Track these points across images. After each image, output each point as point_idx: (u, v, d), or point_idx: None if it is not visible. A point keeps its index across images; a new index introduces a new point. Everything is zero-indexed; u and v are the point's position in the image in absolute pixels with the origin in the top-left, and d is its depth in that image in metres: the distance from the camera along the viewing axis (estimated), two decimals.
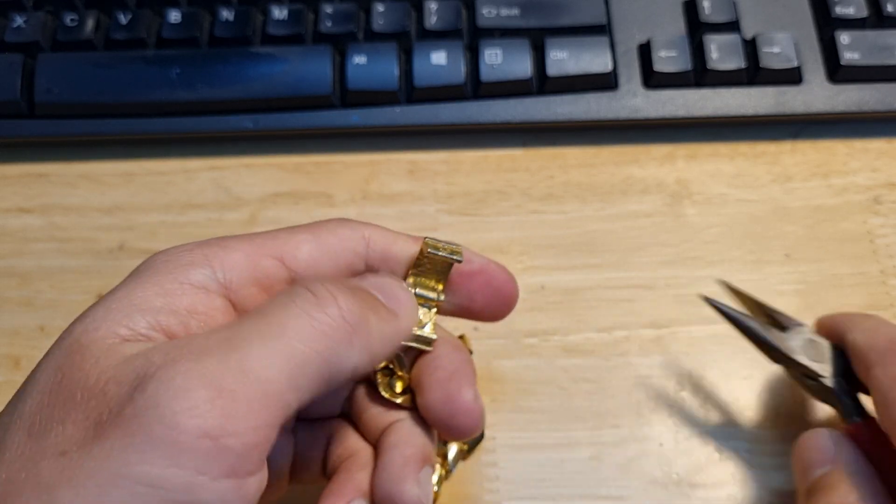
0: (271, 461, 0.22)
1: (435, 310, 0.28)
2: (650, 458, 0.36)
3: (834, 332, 0.34)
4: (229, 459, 0.19)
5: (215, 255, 0.24)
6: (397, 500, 0.25)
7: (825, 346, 0.34)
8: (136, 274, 0.24)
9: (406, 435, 0.27)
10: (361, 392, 0.30)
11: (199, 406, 0.19)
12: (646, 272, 0.41)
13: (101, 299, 0.23)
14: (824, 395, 0.33)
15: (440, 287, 0.28)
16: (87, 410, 0.20)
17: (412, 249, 0.28)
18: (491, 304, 0.29)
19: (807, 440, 0.32)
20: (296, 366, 0.21)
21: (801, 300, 0.40)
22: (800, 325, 0.34)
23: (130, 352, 0.21)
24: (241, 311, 0.25)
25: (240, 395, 0.19)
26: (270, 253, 0.25)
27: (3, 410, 0.22)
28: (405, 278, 0.28)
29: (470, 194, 0.44)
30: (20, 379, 0.38)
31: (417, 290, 0.28)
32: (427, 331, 0.28)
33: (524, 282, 0.41)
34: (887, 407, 0.29)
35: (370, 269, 0.27)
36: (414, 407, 0.28)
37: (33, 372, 0.22)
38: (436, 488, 0.34)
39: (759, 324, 0.34)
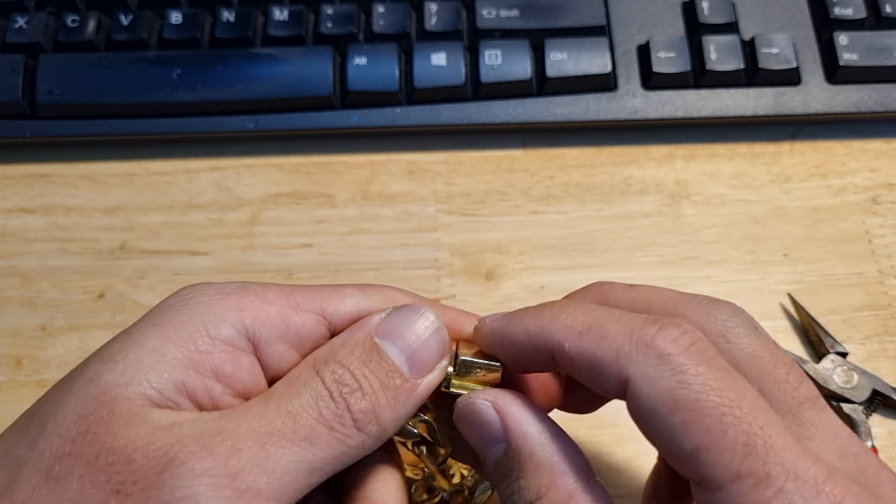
0: None
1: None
2: (650, 457, 0.36)
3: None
4: None
5: (250, 305, 0.24)
6: None
7: (856, 374, 0.37)
8: (167, 313, 0.24)
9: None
10: None
11: None
12: (645, 272, 0.41)
13: (129, 340, 0.23)
14: (847, 420, 0.36)
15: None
16: (110, 475, 0.20)
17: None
18: None
19: (464, 415, 0.25)
20: (313, 469, 0.22)
21: (800, 300, 0.40)
22: (842, 351, 0.38)
23: (160, 422, 0.21)
24: (266, 369, 0.25)
25: (264, 493, 0.21)
26: (309, 308, 0.25)
27: (16, 439, 0.22)
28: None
29: (470, 194, 0.44)
30: (22, 379, 0.39)
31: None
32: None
33: (524, 282, 0.41)
34: None
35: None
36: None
37: (51, 403, 0.22)
38: None
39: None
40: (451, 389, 0.26)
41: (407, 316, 0.25)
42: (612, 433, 0.37)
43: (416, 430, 0.28)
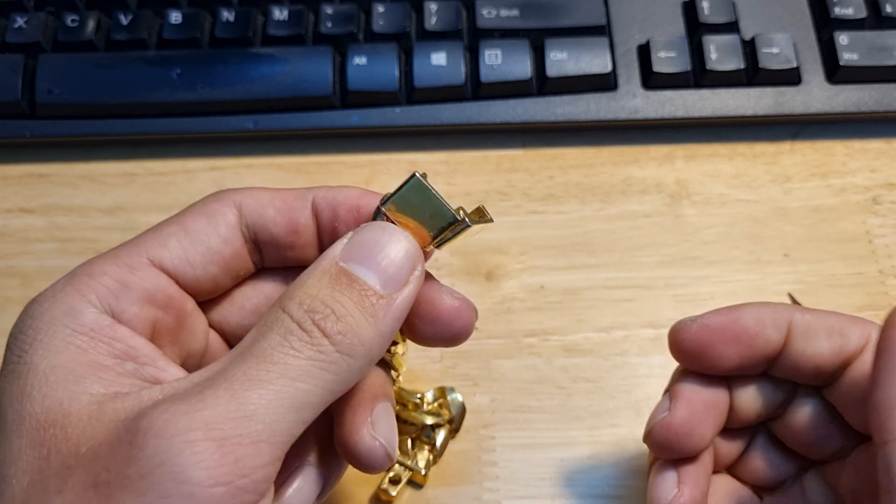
0: None
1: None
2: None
3: None
4: (243, 497, 0.20)
5: (86, 286, 0.23)
6: (354, 451, 0.25)
7: None
8: (29, 337, 0.23)
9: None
10: None
11: (206, 458, 0.19)
12: (645, 272, 0.41)
13: (18, 380, 0.22)
14: None
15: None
16: (84, 475, 0.20)
17: (290, 206, 0.26)
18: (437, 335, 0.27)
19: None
20: (301, 404, 0.21)
21: (800, 300, 0.40)
22: None
23: (115, 409, 0.21)
24: (153, 332, 0.25)
25: (246, 439, 0.20)
26: (138, 263, 0.24)
27: None
28: (380, 207, 0.25)
29: (470, 194, 0.44)
30: None
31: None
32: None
33: (524, 282, 0.41)
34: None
35: (251, 233, 0.26)
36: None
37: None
38: (423, 472, 0.35)
39: None
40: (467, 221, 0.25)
41: (368, 234, 0.24)
42: (612, 434, 0.37)
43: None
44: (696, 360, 0.29)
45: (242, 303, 0.28)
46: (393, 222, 0.25)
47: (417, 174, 0.25)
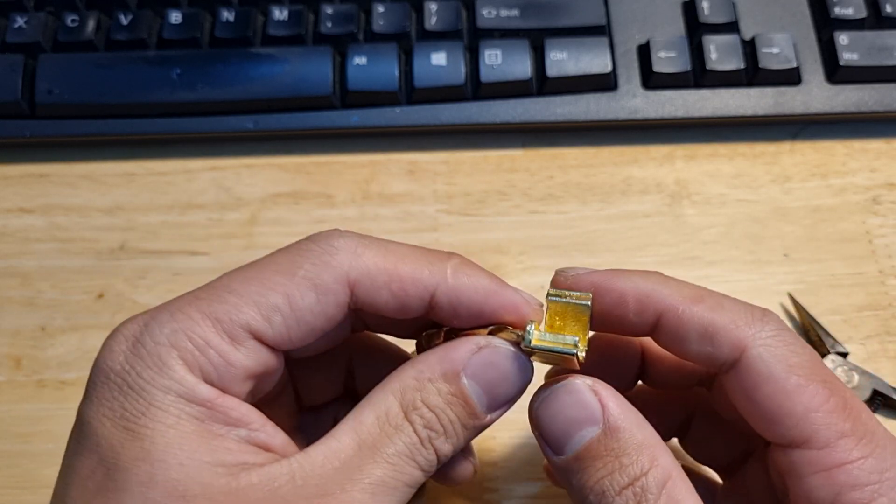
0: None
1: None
2: None
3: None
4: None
5: (190, 357, 0.23)
6: (450, 471, 0.29)
7: (857, 374, 0.37)
8: (148, 401, 0.23)
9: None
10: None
11: None
12: None
13: (137, 442, 0.22)
14: None
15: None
16: None
17: (407, 293, 0.25)
18: None
19: (558, 396, 0.25)
20: (403, 500, 0.24)
21: (800, 300, 0.40)
22: (843, 351, 0.38)
23: (251, 485, 0.22)
24: (252, 399, 0.25)
25: None
26: (241, 336, 0.24)
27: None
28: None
29: (470, 194, 0.44)
30: (21, 379, 0.39)
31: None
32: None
33: (524, 282, 0.41)
34: None
35: (359, 308, 0.26)
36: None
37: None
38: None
39: None
40: (533, 345, 0.25)
41: (495, 359, 0.25)
42: None
43: None
44: None
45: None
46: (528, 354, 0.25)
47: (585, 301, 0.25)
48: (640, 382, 0.31)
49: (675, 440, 0.33)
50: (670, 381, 0.30)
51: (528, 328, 0.25)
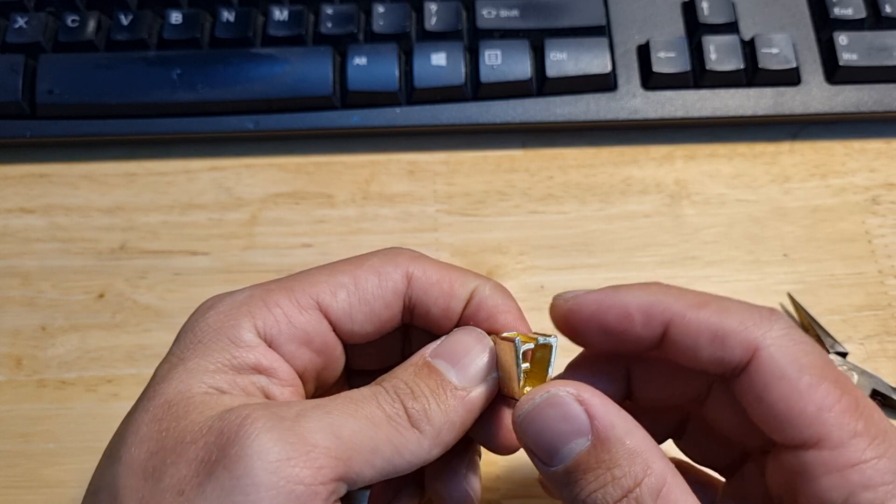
0: None
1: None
2: None
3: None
4: (314, 501, 0.22)
5: (258, 312, 0.26)
6: (449, 498, 0.28)
7: (856, 374, 0.37)
8: (193, 336, 0.26)
9: None
10: None
11: (295, 458, 0.22)
12: (645, 272, 0.41)
13: (173, 362, 0.25)
14: None
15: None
16: (197, 451, 0.22)
17: (454, 293, 0.28)
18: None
19: (542, 409, 0.24)
20: (376, 448, 0.24)
21: (800, 300, 0.40)
22: (842, 351, 0.38)
23: (230, 403, 0.23)
24: (304, 370, 0.27)
25: (332, 451, 0.22)
26: (309, 304, 0.27)
27: (105, 462, 0.24)
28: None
29: (470, 194, 0.44)
30: (22, 379, 0.39)
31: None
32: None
33: (524, 282, 0.41)
34: None
35: (411, 302, 0.28)
36: None
37: (129, 424, 0.24)
38: None
39: None
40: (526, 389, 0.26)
41: (458, 337, 0.27)
42: None
43: None
44: (571, 337, 0.28)
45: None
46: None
47: (554, 341, 0.27)
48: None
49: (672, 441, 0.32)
50: (658, 402, 0.30)
51: (516, 339, 0.26)
